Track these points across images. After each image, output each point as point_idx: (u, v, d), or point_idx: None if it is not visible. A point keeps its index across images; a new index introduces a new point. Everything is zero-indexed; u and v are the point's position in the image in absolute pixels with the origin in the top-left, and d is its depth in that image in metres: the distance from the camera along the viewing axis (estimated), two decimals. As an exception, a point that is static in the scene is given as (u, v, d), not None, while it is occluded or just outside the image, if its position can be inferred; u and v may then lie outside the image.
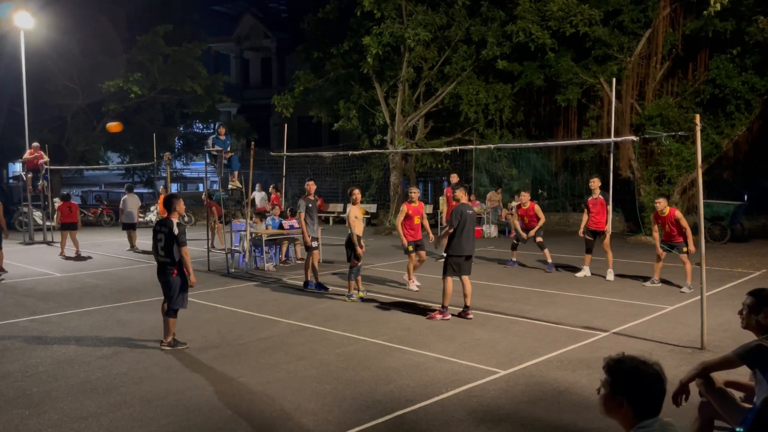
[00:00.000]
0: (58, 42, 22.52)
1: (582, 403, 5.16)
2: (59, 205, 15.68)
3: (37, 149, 18.07)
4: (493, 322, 7.95)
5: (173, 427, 4.76)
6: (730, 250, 14.54)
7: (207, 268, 12.55)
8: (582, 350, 6.66)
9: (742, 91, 16.09)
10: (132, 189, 17.37)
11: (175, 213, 6.85)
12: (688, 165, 16.22)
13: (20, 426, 4.81)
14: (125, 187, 17.92)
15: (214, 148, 13.44)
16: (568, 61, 17.79)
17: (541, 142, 17.93)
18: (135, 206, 16.76)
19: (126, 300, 9.60)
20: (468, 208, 8.32)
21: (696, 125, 6.70)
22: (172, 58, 24.94)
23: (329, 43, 21.80)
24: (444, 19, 19.09)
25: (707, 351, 6.44)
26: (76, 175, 35.42)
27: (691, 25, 16.51)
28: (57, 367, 6.28)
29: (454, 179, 13.33)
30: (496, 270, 12.36)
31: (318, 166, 24.25)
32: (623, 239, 17.23)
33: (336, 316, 8.38)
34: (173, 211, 6.84)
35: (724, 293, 9.57)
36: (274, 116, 30.07)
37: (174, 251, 6.68)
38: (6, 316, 8.61)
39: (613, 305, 8.87)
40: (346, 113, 22.04)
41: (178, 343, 6.88)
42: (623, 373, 2.45)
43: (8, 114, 23.84)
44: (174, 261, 6.71)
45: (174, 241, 6.66)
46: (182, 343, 6.90)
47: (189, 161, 33.47)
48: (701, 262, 6.68)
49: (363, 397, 5.32)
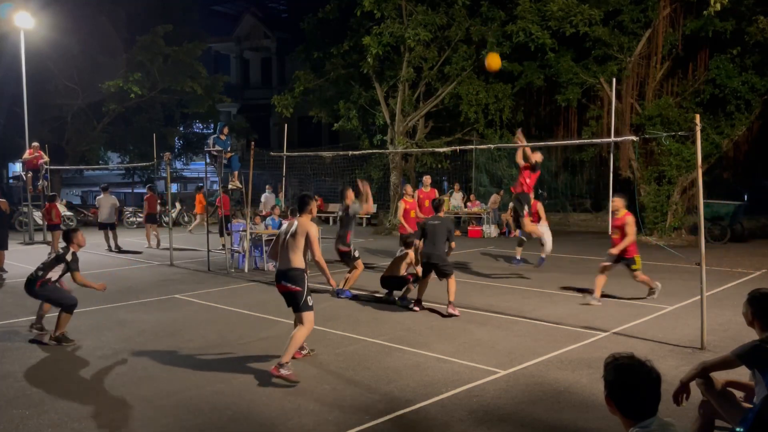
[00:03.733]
0: (58, 42, 22.51)
1: (582, 403, 5.16)
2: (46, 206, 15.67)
3: (37, 149, 18.05)
4: (493, 322, 7.95)
5: (173, 427, 4.76)
6: (730, 250, 14.54)
7: (207, 268, 12.56)
8: (582, 350, 6.66)
9: (742, 91, 16.08)
10: (107, 189, 17.10)
11: (74, 244, 7.21)
12: (688, 165, 16.21)
13: (20, 426, 4.81)
14: (100, 187, 17.80)
15: (214, 148, 13.44)
16: (568, 61, 17.78)
17: (541, 142, 17.91)
18: (109, 206, 16.57)
19: (126, 300, 9.60)
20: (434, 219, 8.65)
21: (696, 125, 6.69)
22: (172, 58, 24.94)
23: (329, 43, 21.79)
24: (444, 19, 19.08)
25: (707, 351, 6.44)
26: (76, 175, 35.44)
27: (691, 25, 16.50)
28: (57, 367, 6.28)
29: (426, 180, 13.03)
30: (497, 270, 12.36)
31: (318, 166, 24.24)
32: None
33: (336, 316, 8.38)
34: (72, 242, 7.20)
35: (724, 293, 9.57)
36: (274, 116, 30.05)
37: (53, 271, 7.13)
38: (6, 316, 8.61)
39: (613, 305, 8.87)
40: (346, 113, 22.03)
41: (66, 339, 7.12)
42: (612, 375, 2.46)
43: (8, 114, 23.85)
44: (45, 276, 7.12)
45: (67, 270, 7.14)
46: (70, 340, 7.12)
47: (189, 161, 33.47)
48: (701, 262, 6.68)
49: (363, 397, 5.32)
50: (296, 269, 5.94)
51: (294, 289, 5.91)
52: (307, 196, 6.25)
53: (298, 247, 5.97)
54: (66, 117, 25.59)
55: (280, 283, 6.03)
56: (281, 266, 6.07)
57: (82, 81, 24.30)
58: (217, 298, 9.73)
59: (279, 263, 6.13)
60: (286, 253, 6.02)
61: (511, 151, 20.97)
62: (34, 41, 20.67)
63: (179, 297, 9.83)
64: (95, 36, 24.01)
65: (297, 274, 5.93)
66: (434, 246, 8.43)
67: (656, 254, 13.73)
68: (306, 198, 6.19)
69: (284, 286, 5.98)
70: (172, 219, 16.88)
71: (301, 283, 5.92)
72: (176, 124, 30.99)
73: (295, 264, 5.95)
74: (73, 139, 25.87)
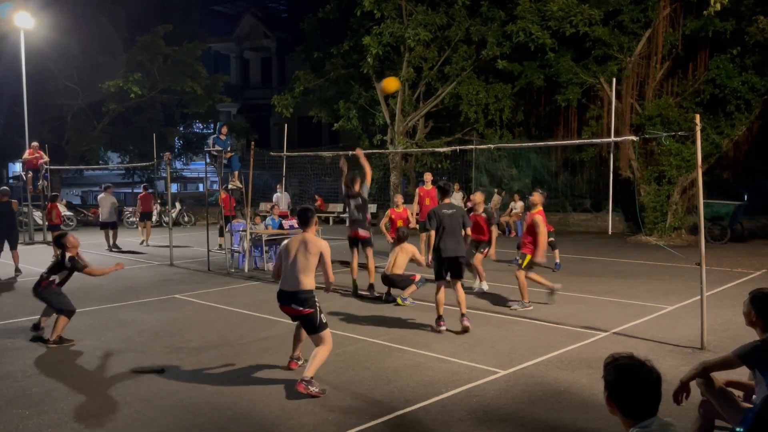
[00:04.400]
0: (58, 42, 22.52)
1: (582, 403, 5.16)
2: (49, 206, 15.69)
3: (37, 149, 18.06)
4: (493, 322, 7.95)
5: (173, 427, 4.77)
6: (730, 250, 14.54)
7: (207, 268, 12.56)
8: (582, 350, 6.66)
9: (742, 91, 16.08)
10: (108, 188, 17.11)
11: (69, 249, 7.25)
12: (688, 165, 16.21)
13: (20, 426, 4.81)
14: (102, 186, 17.85)
15: (214, 148, 13.45)
16: (568, 61, 17.78)
17: (541, 142, 17.92)
18: (109, 205, 16.56)
19: (126, 300, 9.60)
20: (446, 207, 7.63)
21: (696, 125, 6.69)
22: (172, 58, 24.96)
23: (329, 43, 21.80)
24: (444, 19, 19.08)
25: (707, 351, 6.44)
26: (76, 175, 35.44)
27: (691, 25, 16.50)
28: (57, 367, 6.28)
29: (427, 178, 13.12)
30: (497, 270, 12.34)
31: (318, 166, 24.24)
32: (623, 239, 17.25)
33: (336, 316, 8.38)
34: (66, 248, 7.26)
35: (724, 293, 9.56)
36: (274, 116, 30.07)
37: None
38: (6, 316, 8.61)
39: (613, 305, 8.87)
40: (346, 113, 22.03)
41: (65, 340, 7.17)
42: (612, 375, 2.46)
43: (8, 114, 23.86)
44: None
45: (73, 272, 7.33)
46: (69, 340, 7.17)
47: (189, 161, 33.49)
48: (701, 262, 6.68)
49: (363, 397, 5.32)
50: (306, 291, 5.50)
51: (306, 312, 5.50)
52: (309, 209, 5.84)
53: (310, 268, 5.53)
54: (66, 117, 25.60)
55: (289, 306, 5.57)
56: (288, 287, 5.56)
57: (82, 81, 24.31)
58: (217, 298, 9.73)
59: (284, 283, 5.61)
60: (295, 273, 5.52)
61: (511, 151, 21.03)
62: (34, 41, 20.68)
63: (179, 297, 9.83)
64: (95, 36, 24.03)
65: (308, 297, 5.49)
66: (455, 239, 7.45)
67: (656, 254, 13.74)
68: (308, 212, 5.78)
69: (294, 309, 5.55)
70: (172, 219, 16.89)
71: (312, 304, 5.51)
72: (176, 124, 31.00)
73: (306, 286, 5.50)
74: (73, 139, 25.87)
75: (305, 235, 5.69)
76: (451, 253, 7.41)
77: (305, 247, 5.56)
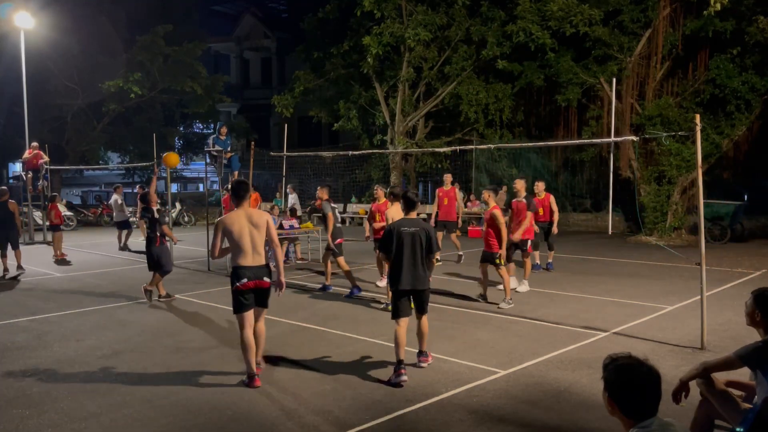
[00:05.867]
0: (58, 42, 22.52)
1: (582, 403, 5.16)
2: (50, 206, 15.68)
3: (37, 149, 18.06)
4: (493, 322, 7.95)
5: (173, 427, 4.77)
6: (730, 250, 14.54)
7: (207, 268, 12.55)
8: (582, 350, 6.66)
9: (742, 91, 16.08)
10: (117, 189, 17.23)
11: (152, 203, 9.32)
12: (688, 165, 16.21)
13: (20, 426, 4.81)
14: (113, 187, 17.99)
15: (214, 148, 13.45)
16: (568, 61, 17.78)
17: (541, 142, 17.92)
18: (117, 205, 16.62)
19: (126, 300, 9.60)
20: (408, 224, 5.94)
21: (696, 125, 6.69)
22: (172, 58, 24.95)
23: (329, 43, 21.81)
24: (444, 19, 19.09)
25: (707, 351, 6.44)
26: (76, 175, 35.43)
27: (691, 25, 16.50)
28: (57, 367, 6.28)
29: (447, 179, 13.06)
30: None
31: (318, 166, 24.25)
32: (623, 239, 17.25)
33: (336, 316, 8.38)
34: (149, 203, 9.33)
35: (724, 293, 9.56)
36: (274, 116, 30.07)
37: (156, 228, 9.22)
38: (6, 316, 8.61)
39: (613, 305, 8.87)
40: (346, 113, 22.04)
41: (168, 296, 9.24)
42: (613, 375, 2.46)
43: (8, 114, 23.85)
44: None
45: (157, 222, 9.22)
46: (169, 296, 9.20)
47: (189, 161, 33.48)
48: (701, 262, 6.68)
49: (363, 397, 5.32)
50: (267, 264, 5.88)
51: (269, 284, 5.80)
52: (244, 182, 6.03)
53: (263, 240, 5.82)
54: (66, 117, 25.59)
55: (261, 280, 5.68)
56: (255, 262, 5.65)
57: (82, 81, 24.31)
58: (217, 298, 9.72)
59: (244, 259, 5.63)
60: (256, 247, 5.70)
61: (511, 151, 21.04)
62: (34, 41, 20.67)
63: (179, 297, 9.82)
64: (95, 36, 24.02)
65: (270, 269, 5.86)
66: (415, 265, 5.82)
67: (656, 254, 13.74)
68: (243, 184, 5.91)
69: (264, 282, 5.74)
70: (172, 219, 16.88)
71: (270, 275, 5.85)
72: (176, 124, 31.01)
73: (264, 259, 5.85)
74: (73, 139, 25.87)
75: (246, 210, 5.72)
76: (407, 285, 5.82)
77: (251, 221, 5.64)
